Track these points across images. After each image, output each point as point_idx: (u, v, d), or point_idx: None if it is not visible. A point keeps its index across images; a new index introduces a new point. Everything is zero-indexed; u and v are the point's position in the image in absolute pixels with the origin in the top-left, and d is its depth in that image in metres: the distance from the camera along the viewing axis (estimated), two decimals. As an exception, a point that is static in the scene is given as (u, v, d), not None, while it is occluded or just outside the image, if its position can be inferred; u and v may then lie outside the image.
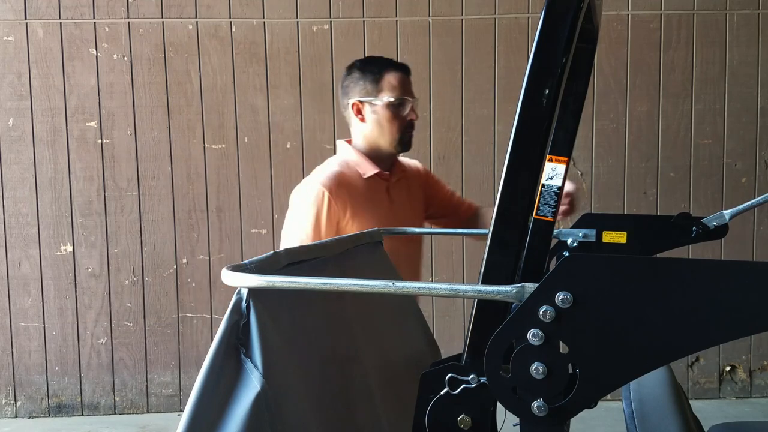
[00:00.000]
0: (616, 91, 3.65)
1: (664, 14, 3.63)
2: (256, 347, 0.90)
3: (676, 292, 0.72)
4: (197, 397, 0.86)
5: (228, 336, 0.89)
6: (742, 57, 3.64)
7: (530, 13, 3.60)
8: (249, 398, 0.89)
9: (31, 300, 3.63)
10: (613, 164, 3.68)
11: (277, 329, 0.94)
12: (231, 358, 0.89)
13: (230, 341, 0.89)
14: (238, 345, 0.90)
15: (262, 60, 3.59)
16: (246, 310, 0.90)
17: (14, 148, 3.59)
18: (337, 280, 0.85)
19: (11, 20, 3.54)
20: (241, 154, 3.62)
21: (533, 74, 0.86)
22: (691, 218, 1.51)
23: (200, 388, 0.86)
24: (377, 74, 1.95)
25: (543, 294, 0.74)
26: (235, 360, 0.90)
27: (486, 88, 3.62)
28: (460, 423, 0.86)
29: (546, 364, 0.75)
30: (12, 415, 3.65)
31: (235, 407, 0.89)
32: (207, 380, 0.86)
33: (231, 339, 0.89)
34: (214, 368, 0.87)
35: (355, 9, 3.58)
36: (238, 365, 0.90)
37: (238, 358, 0.90)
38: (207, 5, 3.57)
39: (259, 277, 0.88)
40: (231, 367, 0.89)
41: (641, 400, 1.30)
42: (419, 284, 0.83)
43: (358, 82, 1.97)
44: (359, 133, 2.02)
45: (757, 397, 3.77)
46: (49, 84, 3.56)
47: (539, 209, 1.09)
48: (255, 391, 0.89)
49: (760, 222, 3.71)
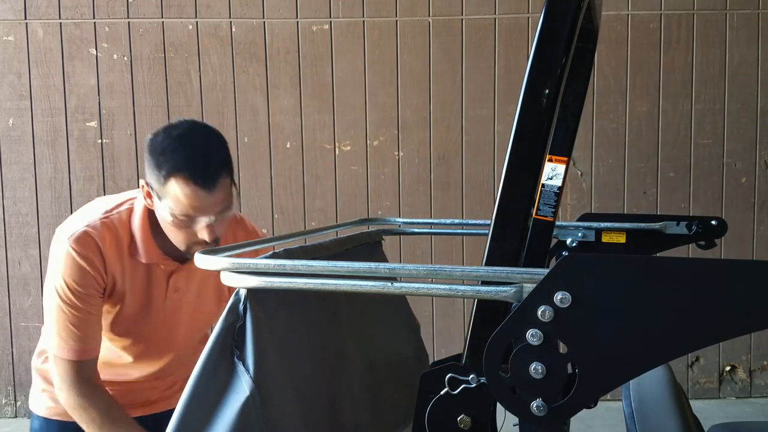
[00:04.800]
0: (616, 91, 3.65)
1: (664, 14, 3.63)
2: (250, 350, 0.90)
3: (674, 291, 0.72)
4: (189, 396, 0.86)
5: (224, 337, 0.89)
6: (742, 57, 3.64)
7: (530, 13, 3.60)
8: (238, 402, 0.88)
9: (31, 300, 3.63)
10: (613, 164, 3.68)
11: (271, 331, 0.94)
12: (224, 359, 0.89)
13: (225, 342, 0.89)
14: (232, 346, 0.90)
15: (262, 60, 3.59)
16: (243, 312, 0.90)
17: (14, 148, 3.59)
18: (336, 280, 0.85)
19: (11, 20, 3.54)
20: (241, 154, 3.62)
21: (533, 74, 0.86)
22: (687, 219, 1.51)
23: (192, 387, 0.86)
24: (164, 177, 1.39)
25: (542, 294, 0.74)
26: (228, 362, 0.90)
27: (486, 88, 3.62)
28: (460, 423, 0.86)
29: (545, 363, 0.75)
30: (12, 415, 3.64)
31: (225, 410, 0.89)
32: (199, 380, 0.86)
33: (227, 340, 0.89)
34: (207, 369, 0.87)
35: (355, 9, 3.58)
36: (231, 367, 0.90)
37: (231, 360, 0.90)
38: (207, 5, 3.58)
39: (259, 277, 0.88)
40: (223, 369, 0.89)
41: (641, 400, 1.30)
42: (419, 285, 0.83)
43: (149, 163, 1.44)
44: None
45: (757, 397, 3.77)
46: (49, 84, 3.56)
47: (539, 209, 1.09)
48: (244, 396, 0.89)
49: (760, 222, 3.71)
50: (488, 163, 3.65)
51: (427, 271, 0.82)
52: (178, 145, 1.41)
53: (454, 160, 3.65)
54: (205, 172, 1.39)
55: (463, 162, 3.65)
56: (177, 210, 1.40)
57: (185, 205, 1.39)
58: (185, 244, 1.47)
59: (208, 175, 1.39)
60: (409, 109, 3.63)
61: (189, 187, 1.38)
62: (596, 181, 3.69)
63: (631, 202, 3.69)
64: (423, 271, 0.82)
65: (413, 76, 3.61)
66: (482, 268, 0.81)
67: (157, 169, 1.40)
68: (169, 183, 1.39)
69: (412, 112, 3.63)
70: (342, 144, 3.60)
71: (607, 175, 3.68)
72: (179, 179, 1.38)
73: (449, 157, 3.65)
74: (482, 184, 3.66)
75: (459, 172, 3.65)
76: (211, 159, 1.42)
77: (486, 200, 3.65)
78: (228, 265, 0.89)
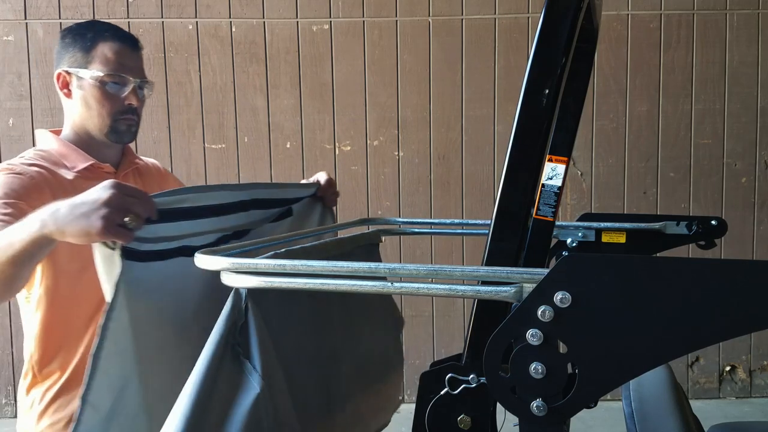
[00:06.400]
0: (616, 91, 3.65)
1: (664, 14, 3.63)
2: (255, 348, 0.90)
3: (674, 291, 0.72)
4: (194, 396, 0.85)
5: (226, 337, 0.89)
6: (742, 57, 3.64)
7: (530, 13, 3.60)
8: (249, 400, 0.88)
9: (31, 300, 3.63)
10: (613, 164, 3.68)
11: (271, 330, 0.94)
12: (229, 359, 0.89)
13: (228, 342, 0.89)
14: (235, 345, 0.90)
15: (262, 60, 3.59)
16: (245, 311, 0.90)
17: (14, 148, 3.58)
18: (336, 280, 0.85)
19: (11, 20, 3.54)
20: (241, 154, 3.62)
21: (533, 74, 0.86)
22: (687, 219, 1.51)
23: (197, 387, 0.86)
24: (90, 41, 1.52)
25: (541, 294, 0.74)
26: (233, 361, 0.89)
27: (486, 88, 3.62)
28: (460, 423, 0.86)
29: (545, 363, 0.75)
30: (12, 415, 3.64)
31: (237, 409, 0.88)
32: (204, 381, 0.86)
33: (229, 340, 0.89)
34: (210, 369, 0.86)
35: (355, 9, 3.58)
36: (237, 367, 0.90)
37: (236, 359, 0.90)
38: (207, 5, 3.58)
39: (259, 277, 0.88)
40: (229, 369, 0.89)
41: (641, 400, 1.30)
42: (419, 284, 0.83)
43: (68, 48, 1.54)
44: (67, 114, 1.62)
45: (757, 397, 3.77)
46: (49, 84, 3.56)
47: (539, 209, 1.09)
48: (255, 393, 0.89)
49: (760, 222, 3.71)
50: (488, 163, 3.65)
51: (427, 271, 0.82)
52: (94, 22, 1.58)
53: (454, 160, 3.65)
54: (128, 35, 1.57)
55: (463, 162, 3.65)
56: (106, 69, 1.50)
57: (114, 62, 1.51)
58: (111, 115, 1.53)
59: (132, 37, 1.57)
60: (409, 109, 3.63)
61: (117, 44, 1.52)
62: (596, 181, 3.69)
63: (631, 202, 3.69)
64: (423, 271, 0.82)
65: (413, 76, 3.61)
66: (482, 268, 0.81)
67: (81, 40, 1.52)
68: (97, 47, 1.51)
69: (412, 112, 3.63)
70: (342, 144, 3.60)
71: (607, 175, 3.69)
72: (107, 40, 1.52)
73: (449, 157, 3.65)
74: (482, 184, 3.66)
75: (459, 172, 3.65)
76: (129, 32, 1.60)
77: (486, 200, 3.65)
78: (228, 265, 0.89)
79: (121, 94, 1.53)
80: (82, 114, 1.56)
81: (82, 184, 1.43)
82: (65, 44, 1.55)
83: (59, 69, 1.56)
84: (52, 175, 1.48)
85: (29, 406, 1.55)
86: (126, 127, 1.56)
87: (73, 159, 1.54)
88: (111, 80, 1.51)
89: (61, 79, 1.56)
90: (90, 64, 1.51)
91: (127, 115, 1.55)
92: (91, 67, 1.51)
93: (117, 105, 1.53)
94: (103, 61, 1.51)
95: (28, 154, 1.54)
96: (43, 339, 1.51)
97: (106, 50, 1.51)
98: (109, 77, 1.51)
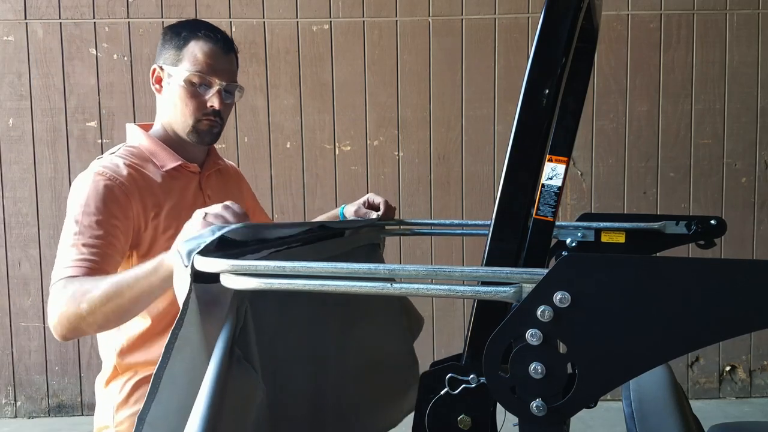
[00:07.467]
0: (616, 91, 3.65)
1: (664, 14, 3.63)
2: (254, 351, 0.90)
3: (674, 290, 0.72)
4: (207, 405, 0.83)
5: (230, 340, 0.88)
6: (742, 57, 3.64)
7: (530, 13, 3.60)
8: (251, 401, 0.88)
9: (31, 300, 3.63)
10: (613, 164, 3.68)
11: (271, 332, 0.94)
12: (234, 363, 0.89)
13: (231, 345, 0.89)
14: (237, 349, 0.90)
15: (262, 60, 3.59)
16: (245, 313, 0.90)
17: (14, 148, 3.58)
18: (336, 281, 0.85)
19: (11, 20, 3.54)
20: (241, 154, 3.62)
21: (533, 74, 0.86)
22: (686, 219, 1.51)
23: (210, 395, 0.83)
24: (183, 40, 1.54)
25: (541, 294, 0.74)
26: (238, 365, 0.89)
27: (486, 88, 3.62)
28: (460, 423, 0.86)
29: (544, 363, 0.75)
30: (12, 415, 3.64)
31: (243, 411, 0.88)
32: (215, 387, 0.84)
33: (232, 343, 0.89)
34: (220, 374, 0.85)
35: (355, 9, 3.58)
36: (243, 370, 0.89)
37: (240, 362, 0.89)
38: (207, 5, 3.58)
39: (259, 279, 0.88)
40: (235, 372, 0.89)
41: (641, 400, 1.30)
42: (419, 285, 0.83)
43: (165, 44, 1.58)
44: (158, 110, 1.62)
45: (757, 397, 3.77)
46: (49, 84, 3.56)
47: (539, 209, 1.09)
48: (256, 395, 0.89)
49: (759, 222, 3.71)
50: (488, 163, 3.65)
51: (426, 272, 0.82)
52: (194, 21, 1.60)
53: (454, 160, 3.65)
54: (223, 37, 1.56)
55: (463, 162, 3.65)
56: (194, 68, 1.51)
57: (202, 62, 1.51)
58: (194, 115, 1.54)
59: (226, 39, 1.56)
60: (409, 109, 3.63)
61: (208, 45, 1.52)
62: (596, 181, 3.69)
63: (631, 202, 3.69)
64: (423, 271, 0.82)
65: (413, 76, 3.61)
66: (482, 269, 0.81)
67: (176, 38, 1.54)
68: (189, 44, 1.52)
69: (412, 112, 3.63)
70: (342, 144, 3.60)
71: (607, 175, 3.69)
72: (199, 39, 1.53)
73: (449, 157, 3.65)
74: (482, 184, 3.66)
75: (459, 172, 3.65)
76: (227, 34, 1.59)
77: (486, 200, 3.65)
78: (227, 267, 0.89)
79: (206, 95, 1.53)
80: (169, 111, 1.57)
81: (170, 183, 1.53)
82: (164, 40, 1.58)
83: (155, 64, 1.58)
84: (141, 175, 1.50)
85: (109, 398, 1.53)
86: (207, 128, 1.57)
87: (162, 158, 1.55)
88: (197, 80, 1.52)
89: (155, 74, 1.58)
90: (180, 63, 1.53)
91: (209, 117, 1.55)
92: (181, 66, 1.52)
93: (200, 106, 1.54)
94: (192, 60, 1.52)
95: (119, 150, 1.55)
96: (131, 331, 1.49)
97: (196, 50, 1.52)
98: (195, 77, 1.52)
